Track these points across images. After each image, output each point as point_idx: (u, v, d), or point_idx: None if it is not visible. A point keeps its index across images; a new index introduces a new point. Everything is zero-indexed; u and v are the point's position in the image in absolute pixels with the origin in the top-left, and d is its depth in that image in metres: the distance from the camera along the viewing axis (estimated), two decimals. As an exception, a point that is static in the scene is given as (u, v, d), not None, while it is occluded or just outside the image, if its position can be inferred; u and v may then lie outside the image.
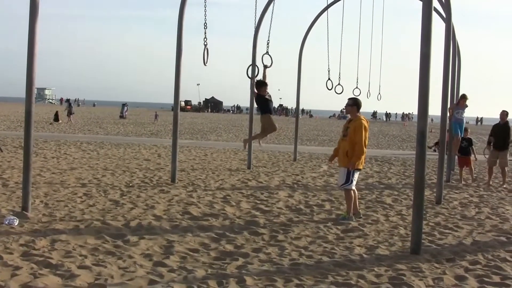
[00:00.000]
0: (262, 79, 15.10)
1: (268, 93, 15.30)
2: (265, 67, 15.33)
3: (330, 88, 22.26)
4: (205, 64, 14.26)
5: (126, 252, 8.02)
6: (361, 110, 11.07)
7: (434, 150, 30.48)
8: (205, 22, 14.32)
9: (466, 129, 18.24)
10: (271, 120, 14.98)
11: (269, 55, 15.33)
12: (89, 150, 22.85)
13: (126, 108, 68.07)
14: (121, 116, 64.94)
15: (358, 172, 11.01)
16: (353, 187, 10.94)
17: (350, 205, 11.00)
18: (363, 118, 10.91)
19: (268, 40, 15.87)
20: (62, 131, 35.32)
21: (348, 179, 10.79)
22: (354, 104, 11.00)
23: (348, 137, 10.80)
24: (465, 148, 17.60)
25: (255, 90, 14.95)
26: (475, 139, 17.54)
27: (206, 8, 14.03)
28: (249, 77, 15.65)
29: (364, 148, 10.75)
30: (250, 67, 15.66)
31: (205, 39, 14.00)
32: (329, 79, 22.21)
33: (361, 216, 11.24)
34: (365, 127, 10.75)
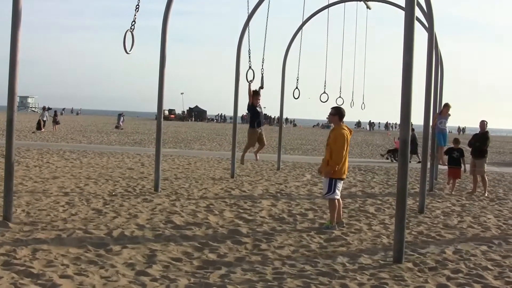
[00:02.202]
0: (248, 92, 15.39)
1: (259, 104, 15.58)
2: (250, 81, 15.76)
3: (297, 97, 22.38)
4: (126, 52, 13.20)
5: (108, 261, 7.97)
6: (344, 119, 11.13)
7: (387, 158, 30.72)
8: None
9: (457, 140, 18.31)
10: (253, 135, 15.34)
11: (252, 70, 15.73)
12: (72, 159, 22.72)
13: (122, 118, 64.69)
14: (117, 127, 60.78)
15: (341, 182, 11.10)
16: (337, 197, 10.98)
17: (333, 215, 11.06)
18: (345, 128, 10.98)
19: (263, 58, 16.52)
20: (45, 140, 35.10)
21: (331, 189, 10.87)
22: (336, 113, 11.09)
23: (329, 146, 10.93)
24: (456, 159, 17.60)
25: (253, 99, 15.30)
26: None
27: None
28: (247, 81, 16.03)
29: (344, 157, 10.81)
30: (249, 71, 15.89)
31: (133, 22, 13.25)
32: (295, 86, 22.34)
33: (344, 225, 11.28)
34: (345, 136, 10.81)
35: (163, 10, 14.94)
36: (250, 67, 17.05)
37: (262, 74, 17.44)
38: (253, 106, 16.18)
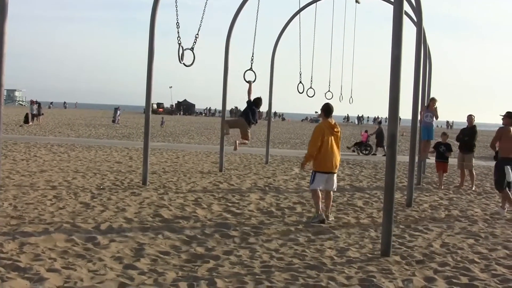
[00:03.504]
0: (247, 93, 16.68)
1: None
2: (249, 82, 16.93)
3: (301, 91, 22.40)
4: (184, 64, 14.73)
5: (96, 255, 7.95)
6: (334, 114, 11.41)
7: (353, 151, 30.89)
8: (177, 22, 14.46)
9: (445, 134, 18.36)
10: (241, 124, 16.30)
11: (253, 71, 16.19)
12: (60, 153, 22.64)
13: (119, 112, 62.23)
14: (114, 121, 59.07)
15: (322, 175, 11.17)
16: (317, 188, 11.16)
17: (316, 204, 11.21)
18: (325, 123, 11.35)
19: (253, 57, 16.88)
20: (32, 134, 34.94)
21: (311, 180, 11.32)
22: (322, 109, 11.48)
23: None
24: (443, 153, 17.63)
25: (256, 106, 16.74)
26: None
27: (177, 7, 14.34)
28: (246, 81, 16.46)
29: (316, 150, 11.09)
30: (247, 72, 16.30)
31: (178, 38, 14.26)
32: (300, 82, 22.38)
33: (329, 219, 11.24)
34: (319, 130, 11.20)
35: (152, 3, 14.89)
36: (251, 68, 17.54)
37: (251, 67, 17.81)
38: (251, 103, 16.63)
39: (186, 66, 14.87)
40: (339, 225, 10.88)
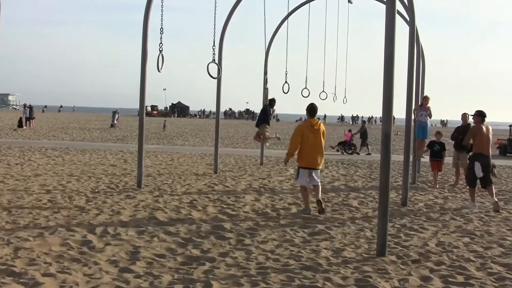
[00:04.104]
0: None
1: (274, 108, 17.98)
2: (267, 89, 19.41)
3: (286, 91, 22.44)
4: (159, 71, 14.59)
5: (91, 259, 7.93)
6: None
7: (337, 150, 31.02)
8: (161, 27, 14.58)
9: (439, 133, 18.38)
10: (266, 128, 18.59)
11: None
12: (54, 156, 22.59)
13: (117, 116, 60.80)
14: (112, 125, 57.49)
15: (304, 170, 12.06)
16: (301, 183, 12.20)
17: (304, 198, 12.29)
18: (307, 122, 12.19)
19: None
20: (26, 138, 34.86)
21: (297, 175, 12.29)
22: (306, 109, 12.21)
23: None
24: (438, 152, 17.64)
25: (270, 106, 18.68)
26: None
27: (162, 13, 14.47)
28: (211, 76, 16.67)
29: (294, 148, 12.15)
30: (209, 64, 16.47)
31: (160, 45, 14.37)
32: (286, 82, 22.41)
33: (320, 209, 11.98)
34: (298, 130, 12.06)
35: (145, 5, 14.87)
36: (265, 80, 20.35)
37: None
38: (266, 107, 18.64)
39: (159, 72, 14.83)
40: (334, 225, 10.87)
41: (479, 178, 13.29)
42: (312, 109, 12.11)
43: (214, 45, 16.22)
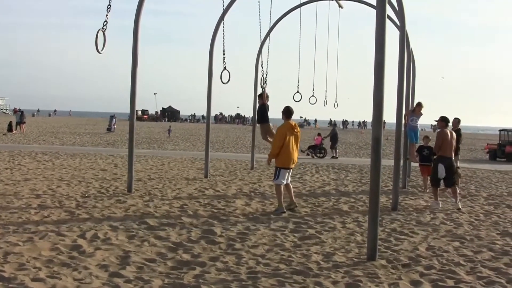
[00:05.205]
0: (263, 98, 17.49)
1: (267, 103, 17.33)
2: (264, 89, 18.32)
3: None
4: (98, 52, 13.47)
5: (81, 263, 7.90)
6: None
7: (308, 154, 31.15)
8: (109, 4, 13.76)
9: (427, 137, 18.40)
10: (270, 127, 17.27)
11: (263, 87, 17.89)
12: (44, 161, 22.51)
13: (114, 120, 59.97)
14: (109, 129, 57.25)
15: (286, 170, 12.64)
16: (282, 183, 12.61)
17: (280, 198, 12.67)
18: (287, 124, 12.76)
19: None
20: (16, 142, 34.73)
21: (276, 176, 12.64)
22: (283, 112, 12.98)
23: None
24: (427, 157, 17.65)
25: (263, 100, 17.46)
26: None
27: None
28: (223, 82, 16.75)
29: (279, 149, 12.46)
30: (222, 72, 16.52)
31: (105, 23, 13.57)
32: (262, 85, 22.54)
33: (296, 206, 12.92)
34: (281, 131, 12.65)
35: (135, 10, 14.87)
36: (264, 81, 19.08)
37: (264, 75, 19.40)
38: (263, 106, 17.43)
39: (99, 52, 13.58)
40: (325, 229, 10.88)
41: (443, 179, 14.15)
42: (289, 112, 12.94)
43: (224, 54, 16.24)
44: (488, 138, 73.21)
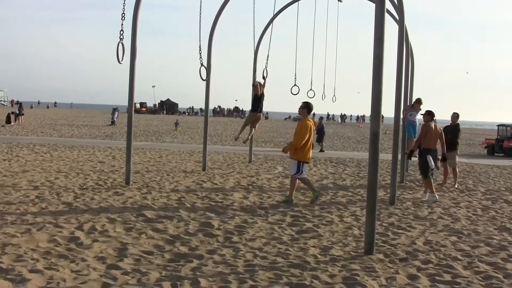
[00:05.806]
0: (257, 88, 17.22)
1: (263, 92, 17.47)
2: (264, 78, 18.14)
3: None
4: (119, 62, 13.65)
5: (79, 255, 7.91)
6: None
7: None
8: (123, 13, 13.76)
9: None
10: (250, 117, 17.60)
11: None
12: (42, 152, 22.49)
13: (117, 113, 58.57)
14: (112, 122, 55.53)
15: (307, 164, 13.06)
16: (305, 176, 13.11)
17: (311, 186, 13.34)
18: (310, 120, 12.88)
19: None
20: (14, 134, 34.70)
21: (300, 170, 12.87)
22: (305, 107, 12.94)
23: (295, 133, 12.84)
24: None
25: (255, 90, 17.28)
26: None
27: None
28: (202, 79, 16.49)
29: (303, 143, 12.60)
30: (201, 68, 16.28)
31: (121, 32, 13.65)
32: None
33: (293, 201, 12.98)
34: (309, 126, 12.69)
35: (134, 2, 14.83)
36: (264, 77, 18.48)
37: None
38: (256, 96, 17.44)
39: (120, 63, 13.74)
40: (322, 223, 10.89)
41: (432, 169, 14.53)
42: (310, 108, 13.00)
43: (200, 50, 15.99)
44: (486, 133, 73.29)
